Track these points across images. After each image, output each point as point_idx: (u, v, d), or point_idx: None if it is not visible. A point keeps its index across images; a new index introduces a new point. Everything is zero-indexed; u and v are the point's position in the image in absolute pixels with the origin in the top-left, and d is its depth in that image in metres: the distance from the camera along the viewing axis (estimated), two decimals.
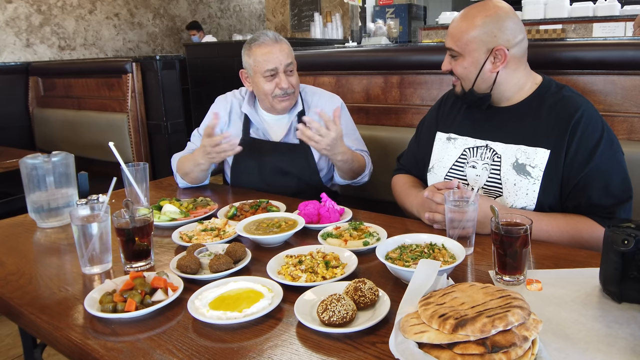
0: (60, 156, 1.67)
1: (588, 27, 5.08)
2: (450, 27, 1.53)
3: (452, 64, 1.54)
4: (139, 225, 1.26)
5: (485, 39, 1.46)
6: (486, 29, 1.45)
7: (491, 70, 1.48)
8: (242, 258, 1.26)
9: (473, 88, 1.53)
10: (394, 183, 1.83)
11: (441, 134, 1.70)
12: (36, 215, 1.63)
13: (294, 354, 0.90)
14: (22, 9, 6.04)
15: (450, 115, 1.70)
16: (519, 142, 1.49)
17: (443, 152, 1.66)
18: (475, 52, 1.48)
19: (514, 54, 1.47)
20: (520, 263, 1.11)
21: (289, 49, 1.89)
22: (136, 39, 7.25)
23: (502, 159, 1.51)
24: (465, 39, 1.47)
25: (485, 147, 1.56)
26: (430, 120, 1.78)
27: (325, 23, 7.23)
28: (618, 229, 1.01)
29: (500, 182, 1.50)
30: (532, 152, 1.46)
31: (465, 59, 1.50)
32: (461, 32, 1.48)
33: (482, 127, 1.59)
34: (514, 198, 1.46)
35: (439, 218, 1.44)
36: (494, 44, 1.46)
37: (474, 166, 1.57)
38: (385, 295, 1.03)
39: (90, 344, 0.96)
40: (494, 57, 1.47)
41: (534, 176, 1.44)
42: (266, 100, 1.91)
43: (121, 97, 3.47)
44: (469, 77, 1.52)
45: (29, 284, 1.22)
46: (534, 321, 0.80)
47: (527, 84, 1.54)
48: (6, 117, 4.00)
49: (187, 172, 1.95)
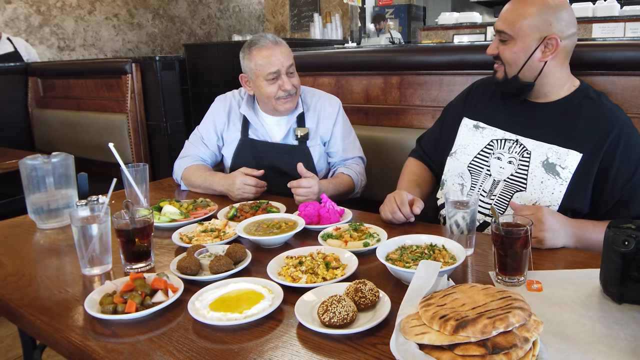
0: (60, 157, 1.67)
1: (587, 27, 5.08)
2: (504, 10, 1.52)
3: (500, 48, 1.52)
4: (139, 226, 1.26)
5: (540, 25, 1.44)
6: (543, 16, 1.44)
7: (540, 59, 1.47)
8: (242, 259, 1.26)
9: (518, 75, 1.51)
10: (405, 165, 1.85)
11: (468, 120, 1.68)
12: (36, 216, 1.63)
13: (295, 355, 0.90)
14: (22, 9, 6.03)
15: (480, 104, 1.68)
16: (551, 142, 1.48)
17: (468, 138, 1.65)
18: (527, 37, 1.46)
19: (564, 46, 1.47)
20: (521, 264, 1.11)
21: (289, 50, 1.89)
22: (135, 40, 7.24)
23: (531, 155, 1.50)
24: (520, 24, 1.46)
25: (515, 141, 1.55)
26: (457, 105, 1.77)
27: (325, 24, 7.23)
28: (618, 229, 1.01)
29: (526, 177, 1.49)
30: (564, 153, 1.45)
31: (516, 43, 1.48)
32: (517, 15, 1.46)
33: (514, 120, 1.57)
34: (538, 195, 1.46)
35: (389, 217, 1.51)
36: (547, 32, 1.44)
37: (499, 157, 1.56)
38: (385, 297, 1.02)
39: (91, 346, 0.96)
40: (544, 45, 1.46)
41: (563, 177, 1.43)
42: (269, 103, 1.91)
43: (121, 97, 3.47)
44: (516, 62, 1.49)
45: (28, 285, 1.22)
46: (534, 322, 0.80)
47: (567, 84, 1.53)
48: (5, 117, 3.99)
49: (195, 186, 1.96)
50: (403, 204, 1.49)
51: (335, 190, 1.84)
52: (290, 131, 1.98)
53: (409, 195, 1.51)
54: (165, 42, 7.63)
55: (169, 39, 7.66)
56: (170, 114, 3.44)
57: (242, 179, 1.77)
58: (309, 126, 1.98)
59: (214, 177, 1.89)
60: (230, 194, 1.81)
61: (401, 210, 1.48)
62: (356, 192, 1.97)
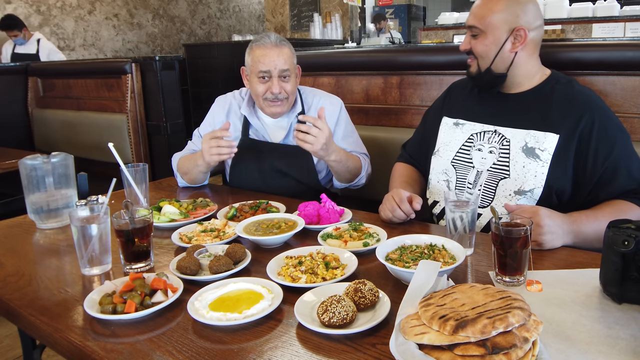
0: (60, 157, 1.67)
1: (587, 27, 5.09)
2: (474, 6, 1.58)
3: (472, 42, 1.58)
4: (139, 226, 1.26)
5: (508, 18, 1.51)
6: (511, 9, 1.51)
7: (511, 49, 1.53)
8: (242, 259, 1.26)
9: (491, 67, 1.57)
10: (393, 170, 1.88)
11: (448, 119, 1.73)
12: (35, 216, 1.63)
13: (294, 355, 0.90)
14: (22, 9, 6.04)
15: (458, 102, 1.74)
16: (528, 127, 1.53)
17: (450, 136, 1.70)
18: (497, 30, 1.52)
19: (532, 37, 1.53)
20: (521, 264, 1.11)
21: (289, 55, 1.86)
22: (135, 40, 7.25)
23: (511, 142, 1.54)
24: (490, 17, 1.52)
25: (494, 132, 1.60)
26: (436, 108, 1.83)
27: (325, 23, 7.23)
28: (618, 229, 1.01)
29: (509, 164, 1.53)
30: (541, 136, 1.50)
31: (487, 36, 1.54)
32: (487, 10, 1.53)
33: (491, 112, 1.63)
34: (522, 180, 1.50)
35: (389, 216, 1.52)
36: (516, 24, 1.51)
37: (479, 149, 1.60)
38: (385, 297, 1.02)
39: (90, 346, 0.96)
40: (514, 37, 1.52)
41: (543, 159, 1.48)
42: (258, 101, 1.92)
43: (120, 97, 3.47)
44: (488, 55, 1.55)
45: (28, 285, 1.22)
46: (534, 322, 0.80)
47: (538, 74, 1.59)
48: (5, 117, 3.99)
49: (186, 171, 1.97)
50: (402, 201, 1.50)
51: (345, 156, 1.82)
52: (291, 132, 1.98)
53: (407, 193, 1.52)
54: (165, 42, 7.63)
55: (169, 39, 7.66)
56: (170, 114, 3.44)
57: (210, 136, 1.74)
58: None
59: (196, 153, 1.89)
60: (207, 157, 1.77)
61: (401, 208, 1.49)
62: (361, 175, 1.94)
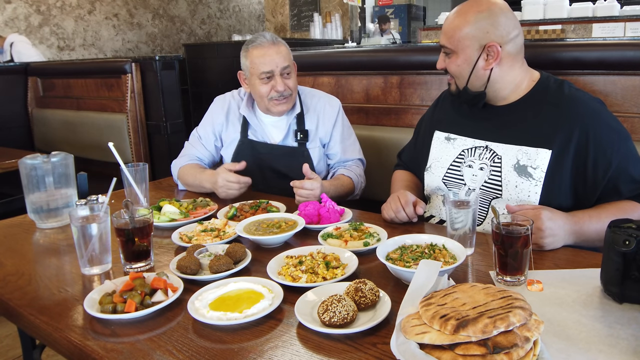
0: (60, 157, 1.66)
1: (587, 27, 5.08)
2: (444, 24, 1.52)
3: (446, 62, 1.53)
4: (139, 226, 1.26)
5: (477, 35, 1.44)
6: (478, 25, 1.44)
7: (484, 67, 1.47)
8: (242, 259, 1.26)
9: (467, 86, 1.51)
10: (393, 177, 1.86)
11: (439, 133, 1.68)
12: (35, 215, 1.63)
13: (295, 354, 0.90)
14: (21, 9, 6.03)
15: (449, 114, 1.68)
16: (520, 143, 1.47)
17: (441, 151, 1.65)
18: (467, 48, 1.46)
19: (508, 50, 1.45)
20: (521, 263, 1.11)
21: (287, 52, 1.88)
22: (135, 40, 7.24)
23: (502, 160, 1.49)
24: (458, 36, 1.46)
25: (484, 147, 1.54)
26: (427, 120, 1.78)
27: (325, 23, 7.23)
28: (619, 229, 1.01)
29: (501, 183, 1.49)
30: (533, 152, 1.44)
31: (458, 56, 1.48)
32: (454, 28, 1.47)
33: (481, 127, 1.57)
34: (515, 201, 1.45)
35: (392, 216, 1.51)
36: (486, 41, 1.44)
37: (470, 165, 1.56)
38: (386, 296, 1.02)
39: (90, 345, 0.96)
40: (486, 54, 1.45)
41: (536, 178, 1.42)
42: (262, 102, 1.91)
43: (120, 97, 3.47)
44: (462, 74, 1.50)
45: (28, 285, 1.22)
46: (535, 322, 0.80)
47: (525, 82, 1.52)
48: (5, 117, 3.99)
49: (189, 185, 1.97)
50: (407, 204, 1.49)
51: (335, 192, 1.83)
52: (290, 133, 1.98)
53: (413, 197, 1.52)
54: (165, 42, 7.62)
55: (168, 38, 7.66)
56: (170, 114, 3.44)
57: (223, 176, 1.76)
58: (309, 128, 1.98)
59: (202, 174, 1.89)
60: (219, 192, 1.80)
61: (405, 210, 1.48)
62: (356, 194, 1.97)
